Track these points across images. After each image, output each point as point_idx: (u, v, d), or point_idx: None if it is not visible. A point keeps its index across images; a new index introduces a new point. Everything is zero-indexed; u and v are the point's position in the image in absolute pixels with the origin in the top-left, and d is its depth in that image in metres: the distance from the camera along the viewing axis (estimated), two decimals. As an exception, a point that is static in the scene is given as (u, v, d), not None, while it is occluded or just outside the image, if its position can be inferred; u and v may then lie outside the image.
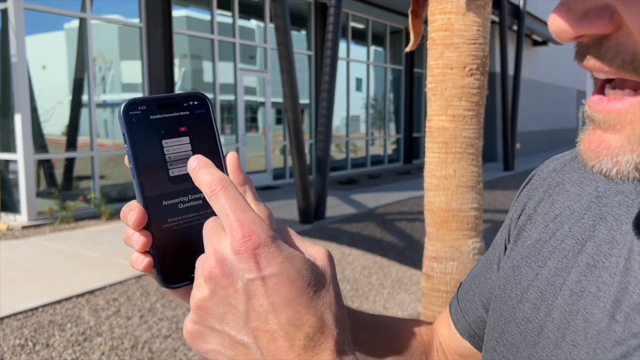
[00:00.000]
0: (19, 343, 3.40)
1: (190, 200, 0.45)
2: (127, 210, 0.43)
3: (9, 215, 7.16)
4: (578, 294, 0.41)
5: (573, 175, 0.50)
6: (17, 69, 6.83)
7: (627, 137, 0.32)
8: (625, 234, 0.40)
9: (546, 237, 0.48)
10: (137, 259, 0.44)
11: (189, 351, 3.34)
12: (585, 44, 0.32)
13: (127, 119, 0.43)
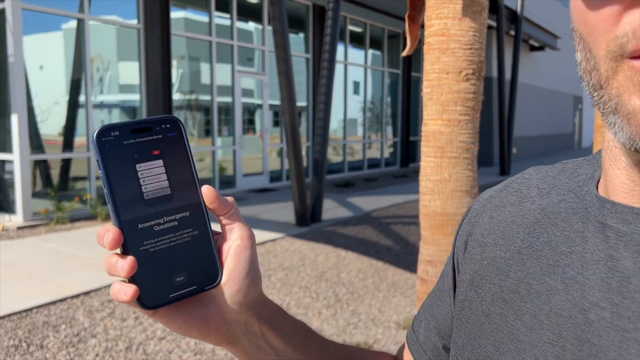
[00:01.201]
0: (12, 344, 3.39)
1: (165, 222, 0.46)
2: (102, 232, 0.43)
3: (5, 215, 7.14)
4: (546, 293, 0.43)
5: (511, 198, 0.53)
6: (14, 69, 6.82)
7: None
8: (579, 231, 0.43)
9: (500, 254, 0.49)
10: (122, 289, 0.43)
11: (184, 353, 3.34)
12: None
13: (101, 145, 0.44)
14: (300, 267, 5.25)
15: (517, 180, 0.55)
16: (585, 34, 0.37)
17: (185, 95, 9.63)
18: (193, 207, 0.47)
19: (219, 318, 0.49)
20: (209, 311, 0.48)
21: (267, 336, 0.52)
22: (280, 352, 0.53)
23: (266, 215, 7.79)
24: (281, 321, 0.54)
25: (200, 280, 0.47)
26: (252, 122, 11.06)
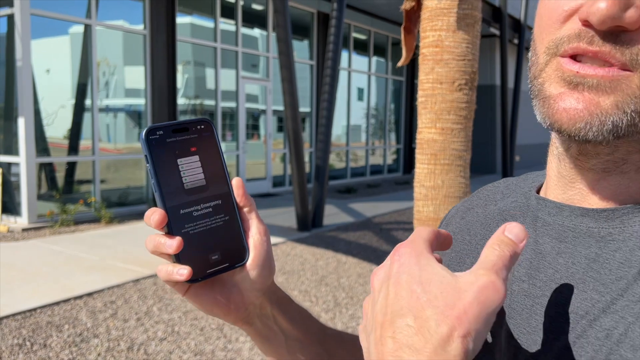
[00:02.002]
0: (17, 343, 3.46)
1: (202, 208, 0.53)
2: (149, 213, 0.51)
3: (10, 217, 7.23)
4: None
5: (479, 202, 0.62)
6: (21, 73, 6.92)
7: (616, 101, 0.39)
8: (526, 225, 0.51)
9: (464, 247, 0.59)
10: (177, 270, 0.51)
11: (184, 353, 3.40)
12: (603, 32, 0.39)
13: (149, 142, 0.51)
14: (301, 272, 5.30)
15: (487, 187, 0.64)
16: (536, 35, 0.45)
17: (190, 100, 9.73)
18: (224, 196, 0.55)
19: (239, 300, 0.57)
20: (231, 294, 0.56)
21: (276, 318, 0.60)
22: (287, 332, 0.61)
23: (268, 220, 7.85)
24: (288, 306, 0.62)
25: (231, 258, 0.55)
26: (257, 127, 11.15)
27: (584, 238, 0.46)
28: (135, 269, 5.09)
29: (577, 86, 0.40)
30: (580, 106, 0.40)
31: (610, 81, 0.39)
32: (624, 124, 0.39)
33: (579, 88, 0.40)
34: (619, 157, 0.43)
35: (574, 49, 0.40)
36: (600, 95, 0.39)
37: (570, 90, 0.40)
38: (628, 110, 0.39)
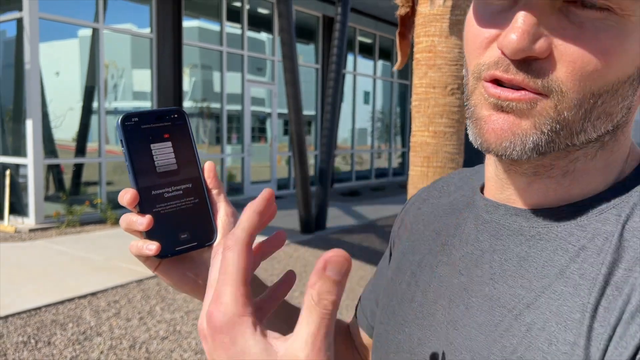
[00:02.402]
0: (21, 340, 3.52)
1: (173, 190, 0.57)
2: (123, 193, 0.55)
3: (18, 218, 7.33)
4: (436, 265, 0.57)
5: (434, 193, 0.67)
6: (30, 75, 7.03)
7: (534, 123, 0.43)
8: (464, 219, 0.57)
9: (418, 236, 0.63)
10: (146, 245, 0.54)
11: (184, 352, 3.45)
12: (517, 62, 0.42)
13: (124, 128, 0.55)
14: (303, 273, 5.35)
15: (443, 179, 0.68)
16: (466, 57, 0.49)
17: (197, 103, 9.82)
18: (194, 180, 0.58)
19: (206, 278, 0.59)
20: (199, 272, 0.59)
21: None
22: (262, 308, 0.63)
23: (272, 222, 7.89)
24: (254, 284, 0.65)
25: (199, 238, 0.58)
26: (263, 130, 11.22)
27: (516, 236, 0.50)
28: (139, 269, 5.15)
29: (501, 109, 0.44)
30: (505, 127, 0.44)
31: (527, 103, 0.43)
32: (543, 142, 0.44)
33: (503, 110, 0.44)
34: (547, 163, 0.48)
35: (492, 75, 0.44)
36: (521, 118, 0.43)
37: (497, 112, 0.44)
38: (545, 130, 0.43)
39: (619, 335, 0.40)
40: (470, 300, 0.51)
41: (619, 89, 0.43)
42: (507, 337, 0.46)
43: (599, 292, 0.43)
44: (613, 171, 0.49)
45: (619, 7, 0.40)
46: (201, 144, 10.08)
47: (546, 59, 0.42)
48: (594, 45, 0.41)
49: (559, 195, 0.49)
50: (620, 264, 0.43)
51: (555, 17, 0.42)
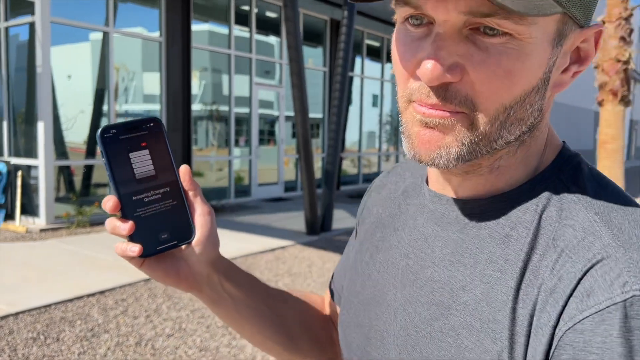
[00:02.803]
0: (31, 336, 3.62)
1: (152, 195, 0.63)
2: (105, 200, 0.61)
3: (29, 218, 7.46)
4: (389, 247, 0.65)
5: (392, 179, 0.74)
6: (41, 79, 7.16)
7: (455, 137, 0.50)
8: (414, 206, 0.65)
9: (376, 219, 0.71)
10: (129, 247, 0.60)
11: (189, 349, 3.53)
12: (435, 87, 0.48)
13: (103, 140, 0.61)
14: (307, 274, 5.42)
15: (401, 165, 0.75)
16: (396, 77, 0.56)
17: (205, 106, 9.93)
18: (172, 184, 0.64)
19: (188, 271, 0.66)
20: (180, 266, 0.66)
21: (223, 284, 0.70)
22: (234, 295, 0.71)
23: (278, 224, 7.98)
24: (234, 273, 0.72)
25: (179, 237, 0.64)
26: (270, 133, 11.31)
27: (453, 224, 0.57)
28: (147, 269, 5.24)
29: (428, 125, 0.50)
30: (432, 141, 0.50)
31: (448, 120, 0.49)
32: (465, 152, 0.50)
33: (429, 126, 0.50)
34: (475, 164, 0.54)
35: (418, 100, 0.51)
36: (444, 133, 0.50)
37: (424, 129, 0.51)
38: (466, 142, 0.50)
39: (537, 320, 0.46)
40: (416, 281, 0.58)
41: (527, 98, 0.50)
42: (446, 316, 0.53)
43: (519, 277, 0.49)
44: (531, 164, 0.55)
45: (516, 33, 0.46)
46: (210, 146, 10.19)
47: (460, 82, 0.48)
48: (499, 68, 0.47)
49: (488, 188, 0.56)
50: (537, 250, 0.49)
51: (463, 44, 0.47)
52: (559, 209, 0.51)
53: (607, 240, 0.46)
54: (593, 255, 0.46)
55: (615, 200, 0.50)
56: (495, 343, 0.48)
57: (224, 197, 9.80)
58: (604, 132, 4.82)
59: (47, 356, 3.34)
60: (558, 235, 0.49)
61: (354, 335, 0.66)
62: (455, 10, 0.46)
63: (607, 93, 4.74)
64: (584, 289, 0.44)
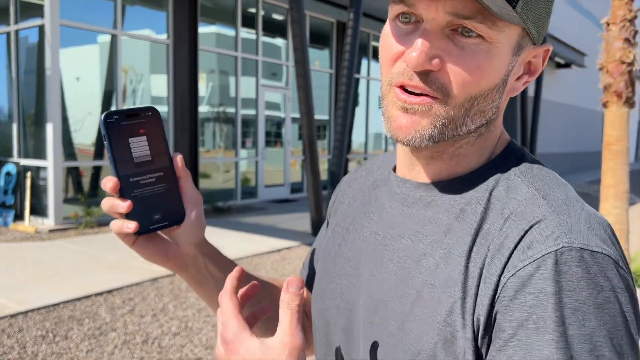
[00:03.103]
0: (40, 334, 3.68)
1: (148, 178, 0.68)
2: (106, 180, 0.66)
3: (38, 218, 7.55)
4: (360, 228, 0.73)
5: (362, 173, 0.83)
6: (50, 81, 7.25)
7: (430, 120, 0.59)
8: (382, 192, 0.73)
9: (348, 208, 0.79)
10: (125, 224, 0.66)
11: (195, 347, 3.58)
12: (418, 73, 0.57)
13: (106, 124, 0.66)
14: (313, 274, 5.46)
15: (370, 161, 0.85)
16: (380, 66, 0.63)
17: (212, 108, 10.00)
18: (166, 169, 0.70)
19: (176, 251, 0.73)
20: (169, 246, 0.73)
21: (207, 266, 0.77)
22: (216, 277, 0.78)
23: (284, 225, 8.03)
24: (217, 257, 0.79)
25: (170, 218, 0.70)
26: (277, 134, 11.36)
27: (418, 203, 0.66)
28: (154, 268, 5.30)
29: (407, 110, 0.59)
30: (409, 124, 0.59)
31: (425, 106, 0.58)
32: (437, 134, 0.59)
33: (408, 112, 0.59)
34: (440, 149, 0.63)
35: (400, 82, 0.59)
36: (420, 117, 0.59)
37: (403, 114, 0.60)
38: (438, 125, 0.59)
39: (486, 271, 0.56)
40: (385, 253, 0.66)
41: (489, 94, 0.60)
42: (410, 278, 0.62)
43: (472, 241, 0.59)
44: (485, 153, 0.65)
45: (488, 36, 0.56)
46: (217, 148, 10.25)
47: (439, 71, 0.57)
48: (471, 63, 0.57)
49: (448, 173, 0.65)
50: (487, 219, 0.59)
51: (444, 41, 0.57)
52: (506, 187, 0.61)
53: (544, 208, 0.57)
54: (533, 218, 0.56)
55: (550, 181, 0.61)
56: (450, 296, 0.57)
57: (230, 198, 9.85)
58: (609, 133, 4.83)
59: (55, 353, 3.40)
60: (505, 207, 0.59)
61: (326, 306, 0.74)
62: (443, 10, 0.55)
63: (611, 95, 4.75)
64: (525, 243, 0.54)
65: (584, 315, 0.50)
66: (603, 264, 0.53)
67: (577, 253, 0.52)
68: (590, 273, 0.52)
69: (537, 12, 0.59)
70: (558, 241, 0.53)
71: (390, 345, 0.62)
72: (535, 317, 0.51)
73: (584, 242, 0.53)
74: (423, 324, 0.59)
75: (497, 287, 0.54)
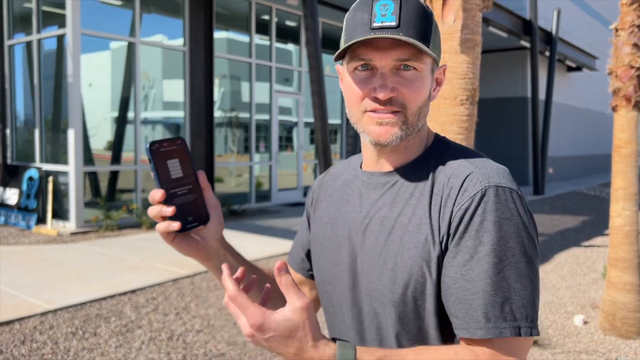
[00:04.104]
0: (70, 331, 3.85)
1: (181, 190, 0.91)
2: (153, 193, 0.89)
3: (59, 222, 7.76)
4: (344, 214, 1.01)
5: (330, 178, 1.13)
6: (72, 88, 7.47)
7: (399, 126, 0.90)
8: (355, 186, 1.02)
9: (328, 204, 1.08)
10: (170, 224, 0.89)
11: (218, 343, 3.73)
12: (384, 100, 0.88)
13: (150, 150, 0.88)
14: (328, 275, 5.59)
15: (336, 167, 1.13)
16: (349, 101, 0.94)
17: (226, 113, 10.19)
18: (193, 183, 0.93)
19: (203, 246, 0.96)
20: (197, 242, 0.96)
21: (226, 256, 1.00)
22: (233, 266, 0.98)
23: (297, 227, 8.15)
24: (233, 250, 1.03)
25: (199, 220, 0.93)
26: (290, 139, 11.53)
27: (385, 185, 0.96)
28: (175, 269, 5.47)
29: (381, 124, 0.90)
30: (385, 132, 0.90)
31: (393, 119, 0.90)
32: (404, 134, 0.91)
33: (382, 125, 0.90)
34: (399, 144, 0.93)
35: (372, 108, 0.90)
36: (392, 126, 0.90)
37: (379, 126, 0.90)
38: (404, 128, 0.90)
39: (442, 212, 0.88)
40: (371, 223, 0.95)
41: (425, 102, 0.93)
42: (392, 232, 0.92)
43: (430, 197, 0.90)
44: (423, 144, 0.98)
45: (419, 68, 0.89)
46: (229, 152, 10.44)
47: (396, 96, 0.89)
48: (414, 86, 0.90)
49: (402, 160, 0.96)
50: (436, 183, 0.91)
51: (395, 77, 0.89)
52: (442, 162, 0.93)
53: (470, 168, 0.90)
54: (465, 174, 0.89)
55: (469, 152, 0.95)
56: (423, 234, 0.88)
57: (245, 201, 10.03)
58: (618, 137, 4.92)
59: (86, 349, 3.57)
60: (445, 172, 0.91)
61: (331, 273, 1.01)
62: (391, 58, 0.88)
63: (620, 99, 4.84)
64: (463, 188, 0.87)
65: (499, 224, 0.84)
66: (508, 194, 0.86)
67: (493, 189, 0.86)
68: (501, 199, 0.85)
69: (437, 46, 0.92)
70: (482, 183, 0.86)
71: (389, 277, 0.90)
72: (472, 228, 0.84)
73: (497, 182, 0.86)
74: (409, 255, 0.89)
75: (450, 218, 0.87)
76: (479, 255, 0.83)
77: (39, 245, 6.66)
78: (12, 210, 8.10)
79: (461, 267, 0.84)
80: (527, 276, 0.83)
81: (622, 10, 4.86)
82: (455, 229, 0.85)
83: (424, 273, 0.87)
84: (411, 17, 0.86)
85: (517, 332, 0.82)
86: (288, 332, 0.77)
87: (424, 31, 0.87)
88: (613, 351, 3.83)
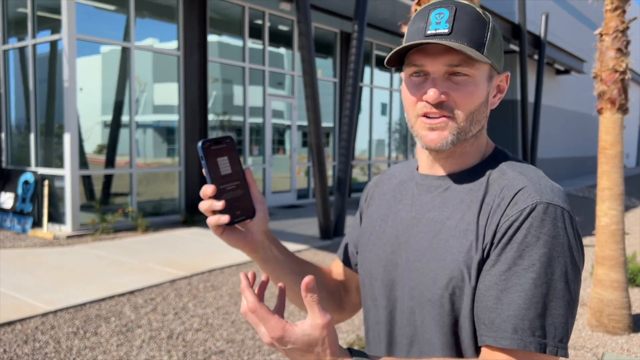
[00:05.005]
0: (71, 331, 3.93)
1: (230, 185, 0.95)
2: (205, 188, 0.93)
3: (55, 225, 7.81)
4: (397, 212, 1.04)
5: (385, 178, 1.17)
6: (68, 93, 7.53)
7: (450, 131, 0.92)
8: (410, 187, 1.05)
9: (381, 201, 1.11)
10: (220, 217, 0.92)
11: (217, 341, 3.82)
12: (435, 104, 0.90)
13: (202, 149, 0.93)
14: (323, 275, 5.69)
15: (395, 167, 1.17)
16: (405, 106, 0.95)
17: (220, 117, 10.27)
18: (241, 179, 0.97)
19: (250, 238, 1.01)
20: (245, 235, 1.00)
21: (271, 248, 1.04)
22: (277, 257, 1.05)
23: (292, 229, 8.28)
24: (277, 242, 1.07)
25: (246, 214, 0.97)
26: (282, 142, 11.63)
27: (438, 189, 0.99)
28: (171, 271, 5.55)
29: (433, 129, 0.93)
30: (436, 137, 0.92)
31: (444, 123, 0.92)
32: (455, 139, 0.92)
33: (433, 130, 0.92)
34: (454, 150, 0.96)
35: (424, 112, 0.93)
36: (442, 131, 0.92)
37: (430, 132, 0.93)
38: (455, 133, 0.92)
39: (489, 221, 0.89)
40: (420, 222, 0.98)
41: (480, 108, 0.94)
42: (440, 234, 0.94)
43: (480, 206, 0.92)
44: (481, 152, 0.99)
45: (471, 74, 0.91)
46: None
47: (447, 100, 0.91)
48: (465, 91, 0.91)
49: (458, 166, 0.98)
50: (488, 193, 0.92)
51: (447, 82, 0.91)
52: (498, 174, 0.94)
53: (526, 182, 0.90)
54: (517, 188, 0.89)
55: (526, 167, 0.95)
56: (469, 240, 0.90)
57: (239, 204, 10.09)
58: (603, 138, 5.06)
59: (88, 347, 3.65)
60: (499, 184, 0.92)
61: (376, 270, 1.03)
62: (442, 64, 0.90)
63: (605, 102, 4.99)
64: (514, 201, 0.88)
65: (544, 241, 0.84)
66: (559, 213, 0.86)
67: (544, 205, 0.86)
68: (550, 217, 0.85)
69: (495, 52, 0.93)
70: (534, 199, 0.86)
71: (430, 277, 0.93)
72: (516, 240, 0.85)
73: (549, 199, 0.86)
74: (452, 258, 0.90)
75: (496, 228, 0.88)
76: (518, 267, 0.83)
77: (36, 249, 6.71)
78: (7, 214, 8.14)
79: (497, 276, 0.85)
80: (563, 297, 0.83)
81: (607, 16, 5.02)
82: (499, 239, 0.86)
83: (464, 277, 0.88)
84: (465, 24, 0.88)
85: (543, 349, 0.81)
86: (306, 346, 0.79)
87: (477, 38, 0.89)
88: (600, 347, 3.96)
